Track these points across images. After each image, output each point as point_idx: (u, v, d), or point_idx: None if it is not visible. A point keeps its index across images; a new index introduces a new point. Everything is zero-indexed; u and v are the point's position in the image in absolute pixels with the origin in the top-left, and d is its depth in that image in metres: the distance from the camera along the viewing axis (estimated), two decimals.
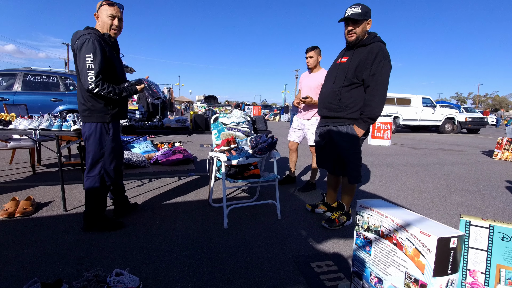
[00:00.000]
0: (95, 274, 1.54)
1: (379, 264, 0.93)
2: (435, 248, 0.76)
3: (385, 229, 0.92)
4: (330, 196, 2.75)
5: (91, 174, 2.19)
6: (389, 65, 2.19)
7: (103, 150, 2.19)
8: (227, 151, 2.63)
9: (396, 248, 0.87)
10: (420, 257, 0.80)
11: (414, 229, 0.82)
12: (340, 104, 2.31)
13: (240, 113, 2.94)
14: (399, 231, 0.86)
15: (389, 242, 0.90)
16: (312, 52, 3.29)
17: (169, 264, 1.80)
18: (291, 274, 1.73)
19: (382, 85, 2.17)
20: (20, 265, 1.74)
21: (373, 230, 0.97)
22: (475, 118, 14.61)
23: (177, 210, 2.73)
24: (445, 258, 0.77)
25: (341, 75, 2.33)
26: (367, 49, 2.22)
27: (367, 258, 0.99)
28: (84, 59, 1.99)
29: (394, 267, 0.87)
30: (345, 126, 2.32)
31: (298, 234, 2.30)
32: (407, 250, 0.83)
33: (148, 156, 4.88)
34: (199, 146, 7.06)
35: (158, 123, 3.08)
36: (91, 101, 2.12)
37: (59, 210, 2.62)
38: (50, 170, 4.16)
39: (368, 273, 0.98)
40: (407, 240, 0.83)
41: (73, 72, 6.91)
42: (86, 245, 2.02)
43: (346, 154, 2.35)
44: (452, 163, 5.84)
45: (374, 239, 0.96)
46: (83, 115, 2.15)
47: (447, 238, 0.77)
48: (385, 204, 1.02)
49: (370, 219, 0.98)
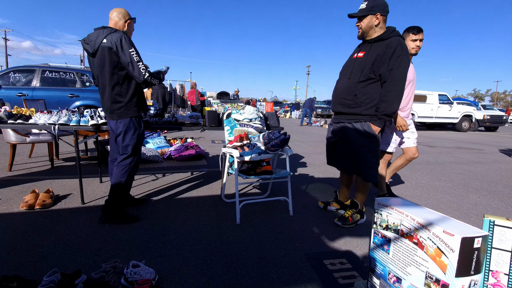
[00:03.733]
0: (113, 265, 1.58)
1: (398, 263, 0.92)
2: (458, 248, 0.74)
3: (405, 228, 0.90)
4: (343, 193, 2.72)
5: (123, 164, 2.30)
6: (407, 60, 2.12)
7: (140, 142, 2.38)
8: (239, 147, 2.63)
9: (416, 247, 0.85)
10: (442, 257, 0.78)
11: (436, 228, 0.80)
12: (355, 100, 2.26)
13: (252, 109, 2.93)
14: (420, 230, 0.84)
15: (409, 241, 0.88)
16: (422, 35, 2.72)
17: (183, 257, 1.83)
18: (304, 271, 1.72)
19: (399, 80, 2.11)
20: (40, 255, 1.80)
21: (392, 229, 0.95)
22: (493, 116, 14.14)
23: (190, 204, 2.76)
24: (468, 258, 0.75)
25: (357, 70, 2.27)
26: (385, 43, 2.17)
27: (386, 257, 0.97)
28: (130, 54, 2.13)
29: (414, 266, 0.86)
30: (360, 122, 2.27)
31: (310, 231, 2.29)
32: (429, 249, 0.82)
33: (161, 152, 4.96)
34: (211, 142, 7.11)
35: (172, 119, 3.11)
36: (126, 96, 2.23)
37: (77, 202, 2.70)
38: (68, 164, 4.28)
39: (386, 272, 0.97)
40: (429, 239, 0.82)
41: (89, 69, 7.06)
42: (103, 237, 2.07)
43: (363, 152, 2.27)
44: (469, 161, 5.68)
45: (393, 238, 0.95)
46: (118, 112, 2.24)
47: (471, 238, 0.75)
48: (404, 202, 1.00)
49: (389, 217, 0.96)
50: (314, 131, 11.66)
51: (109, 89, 2.20)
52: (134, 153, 2.32)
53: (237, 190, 2.46)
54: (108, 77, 2.17)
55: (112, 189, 2.30)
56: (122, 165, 2.29)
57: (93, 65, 2.27)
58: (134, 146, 2.31)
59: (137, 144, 2.34)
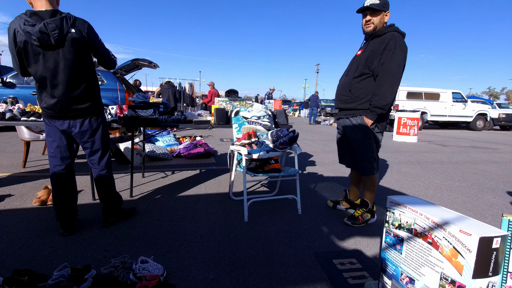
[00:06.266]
0: (122, 261, 1.59)
1: (411, 263, 0.89)
2: (476, 248, 0.70)
3: (419, 227, 0.87)
4: (353, 192, 2.67)
5: (108, 163, 2.20)
6: (401, 53, 2.11)
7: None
8: (247, 145, 2.62)
9: (431, 247, 0.82)
10: (459, 257, 0.74)
11: (452, 228, 0.76)
12: (350, 95, 2.34)
13: (261, 107, 2.91)
14: (435, 230, 0.81)
15: (423, 241, 0.85)
16: None
17: (191, 254, 1.83)
18: (312, 270, 1.70)
19: (391, 73, 2.12)
20: (51, 250, 1.83)
21: (405, 228, 0.92)
22: (509, 115, 13.69)
23: (198, 202, 2.77)
24: (486, 259, 0.71)
25: (354, 67, 2.36)
26: (380, 39, 2.22)
27: (398, 257, 0.94)
28: (101, 42, 2.03)
29: (428, 267, 0.82)
30: (355, 117, 2.35)
31: (319, 230, 2.26)
32: (444, 249, 0.78)
33: (170, 149, 4.99)
34: (219, 140, 7.12)
35: (181, 117, 3.11)
36: (98, 90, 2.11)
37: (88, 199, 2.74)
38: (79, 161, 4.35)
39: (398, 273, 0.93)
40: (444, 239, 0.78)
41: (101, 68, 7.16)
42: (114, 233, 2.09)
43: (357, 145, 2.37)
44: (484, 161, 5.51)
45: (406, 238, 0.91)
46: (96, 109, 2.06)
47: (490, 238, 0.71)
48: (418, 201, 0.96)
49: (402, 216, 0.93)
50: (323, 129, 11.55)
51: (82, 86, 1.96)
52: (108, 149, 2.21)
53: (245, 188, 2.45)
54: (83, 72, 1.96)
55: (110, 190, 2.23)
56: (106, 163, 2.19)
57: (43, 59, 1.85)
58: (107, 141, 2.20)
59: (109, 140, 2.25)
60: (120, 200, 2.30)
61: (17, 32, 1.79)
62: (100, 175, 2.17)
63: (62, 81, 1.90)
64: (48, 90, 1.92)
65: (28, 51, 1.83)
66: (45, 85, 1.91)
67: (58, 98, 1.91)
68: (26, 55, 1.85)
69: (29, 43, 1.80)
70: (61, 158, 2.05)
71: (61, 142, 2.03)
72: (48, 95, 1.93)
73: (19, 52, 1.85)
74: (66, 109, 1.95)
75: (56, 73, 1.88)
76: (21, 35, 1.78)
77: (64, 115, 1.96)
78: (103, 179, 2.18)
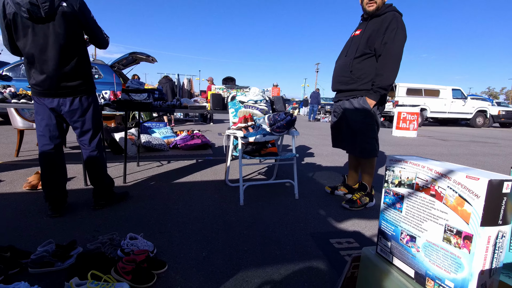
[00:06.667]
0: (110, 237, 1.52)
1: (412, 220, 0.82)
2: (484, 193, 0.64)
3: (421, 180, 0.80)
4: (351, 177, 2.61)
5: (99, 144, 2.12)
6: (402, 33, 2.11)
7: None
8: (244, 128, 2.55)
9: (434, 199, 0.76)
10: (465, 205, 0.68)
11: (458, 175, 0.70)
12: (351, 76, 2.28)
13: (258, 91, 2.85)
14: (439, 180, 0.74)
15: (425, 194, 0.79)
16: None
17: (184, 234, 1.76)
18: (308, 249, 1.63)
19: (394, 53, 2.10)
20: (38, 230, 1.77)
21: (406, 184, 0.85)
22: (509, 112, 13.64)
23: (193, 188, 2.70)
24: (496, 205, 0.65)
25: (353, 47, 2.30)
26: (380, 19, 2.18)
27: (398, 215, 0.87)
28: (93, 19, 1.97)
29: (431, 221, 0.76)
30: (357, 98, 2.28)
31: (316, 213, 2.19)
32: (448, 200, 0.72)
33: (167, 141, 4.92)
34: (217, 134, 7.05)
35: (176, 103, 3.05)
36: (89, 68, 2.04)
37: (80, 184, 2.67)
38: (75, 151, 4.28)
39: (398, 232, 0.87)
40: (449, 188, 0.72)
41: (98, 61, 7.09)
42: (104, 214, 2.03)
43: (359, 127, 2.30)
44: (484, 154, 5.46)
45: (406, 194, 0.85)
46: (87, 87, 1.99)
47: (500, 181, 0.65)
48: (420, 158, 0.90)
49: (402, 172, 0.87)
50: (323, 126, 11.48)
51: (72, 63, 1.89)
52: (99, 130, 2.14)
53: (241, 171, 2.38)
54: (73, 48, 1.88)
55: (101, 172, 2.15)
56: (97, 144, 2.11)
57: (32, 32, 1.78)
58: (100, 122, 2.13)
59: (101, 121, 2.18)
60: (112, 183, 2.23)
61: (6, 4, 1.73)
62: (91, 156, 2.10)
63: (52, 56, 1.83)
64: (37, 66, 1.85)
65: (17, 23, 1.76)
66: (34, 61, 1.84)
67: (47, 74, 1.84)
68: (15, 28, 1.78)
69: (19, 15, 1.74)
70: (50, 137, 1.98)
71: (50, 120, 1.95)
72: (37, 71, 1.86)
73: (8, 25, 1.79)
74: (55, 86, 1.87)
75: (46, 48, 1.82)
76: (10, 7, 1.72)
77: (54, 93, 1.89)
78: (94, 160, 2.11)
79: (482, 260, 0.67)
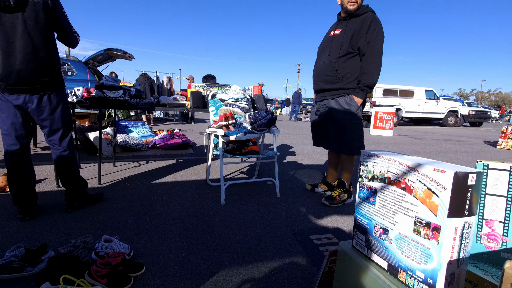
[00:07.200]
0: (83, 240, 1.47)
1: (384, 213, 0.85)
2: (451, 185, 0.67)
3: (392, 174, 0.83)
4: (331, 174, 2.66)
5: (70, 143, 2.04)
6: (382, 33, 2.21)
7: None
8: (224, 127, 2.53)
9: (404, 192, 0.78)
10: (433, 197, 0.71)
11: (426, 168, 0.73)
12: (337, 75, 2.30)
13: (238, 89, 2.84)
14: (409, 174, 0.77)
15: (396, 187, 0.81)
16: None
17: (162, 235, 1.72)
18: (289, 245, 1.65)
19: (377, 52, 2.19)
20: (6, 235, 1.67)
21: (378, 178, 0.88)
22: (478, 111, 14.44)
23: (173, 188, 2.65)
24: (462, 196, 0.68)
25: (336, 46, 2.33)
26: (360, 19, 2.25)
27: (371, 209, 0.90)
28: (65, 15, 1.89)
29: (401, 213, 0.79)
30: (343, 97, 2.32)
31: (297, 210, 2.22)
32: (417, 192, 0.75)
33: (146, 141, 4.80)
34: (199, 134, 6.96)
35: (154, 100, 2.98)
36: (59, 63, 1.94)
37: (52, 186, 2.55)
38: (45, 152, 4.08)
39: (372, 226, 0.90)
40: (418, 181, 0.75)
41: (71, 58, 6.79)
42: (78, 217, 1.94)
43: (347, 124, 2.31)
44: (455, 151, 5.74)
45: (379, 188, 0.88)
46: (56, 84, 1.90)
47: (465, 173, 0.68)
48: (393, 152, 0.93)
49: (375, 167, 0.89)
50: (304, 125, 11.64)
51: (41, 56, 1.78)
52: (70, 128, 2.06)
53: (222, 170, 2.37)
54: (43, 41, 1.78)
55: (73, 173, 2.06)
56: (69, 144, 2.03)
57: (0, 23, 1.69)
58: (70, 121, 2.05)
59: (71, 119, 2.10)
60: (85, 184, 2.15)
61: None
62: (62, 156, 2.00)
63: (20, 48, 1.72)
64: (1, 59, 1.72)
65: None
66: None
67: (13, 68, 1.72)
68: None
69: None
70: (16, 136, 1.86)
71: (15, 118, 1.83)
72: (1, 64, 1.73)
73: None
74: (22, 81, 1.76)
75: (13, 39, 1.71)
76: None
77: (19, 89, 1.77)
78: (65, 161, 2.01)
79: (450, 250, 0.70)
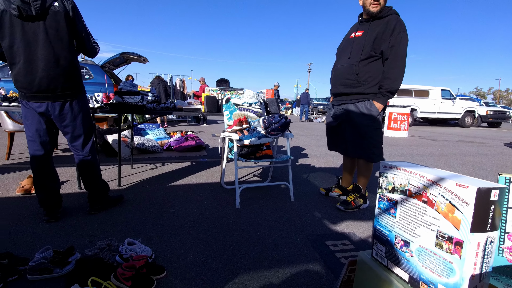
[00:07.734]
0: (108, 243, 1.53)
1: (405, 226, 0.86)
2: (473, 201, 0.68)
3: (413, 187, 0.84)
4: (346, 179, 2.66)
5: (92, 148, 2.11)
6: (407, 37, 2.13)
7: None
8: (239, 131, 2.57)
9: (426, 206, 0.79)
10: (455, 212, 0.72)
11: (448, 183, 0.74)
12: (358, 79, 2.23)
13: (252, 94, 2.87)
14: (430, 187, 0.78)
15: (417, 200, 0.82)
16: None
17: (181, 238, 1.77)
18: (305, 251, 1.67)
19: (401, 57, 2.11)
20: (34, 236, 1.75)
21: (399, 190, 0.89)
22: (496, 112, 14.00)
23: (189, 191, 2.71)
24: (484, 212, 0.69)
25: (357, 49, 2.25)
26: (384, 21, 2.16)
27: (392, 221, 0.91)
28: (84, 23, 1.92)
29: (423, 227, 0.80)
30: (363, 102, 2.24)
31: (311, 215, 2.23)
32: (440, 206, 0.76)
33: (161, 143, 4.90)
34: (211, 135, 7.05)
35: (170, 105, 3.05)
36: (80, 70, 2.00)
37: (74, 188, 2.65)
38: (66, 154, 4.23)
39: (392, 237, 0.91)
40: (440, 195, 0.75)
41: (88, 61, 7.00)
42: (100, 219, 2.02)
43: (367, 131, 2.25)
44: (473, 153, 5.60)
45: (400, 200, 0.89)
46: (76, 91, 1.96)
47: (488, 189, 0.69)
48: (413, 164, 0.94)
49: (395, 179, 0.90)
50: (316, 126, 11.58)
51: (62, 65, 1.84)
52: (92, 133, 2.12)
53: (237, 174, 2.41)
54: (64, 49, 1.84)
55: (95, 177, 2.14)
56: (91, 149, 2.09)
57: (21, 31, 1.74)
58: (91, 126, 2.12)
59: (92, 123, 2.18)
60: (106, 187, 2.23)
61: None
62: (85, 161, 2.08)
63: (41, 57, 1.78)
64: (24, 67, 1.78)
65: (4, 21, 1.71)
66: (21, 61, 1.77)
67: (35, 76, 1.79)
68: (2, 25, 1.72)
69: (7, 12, 1.69)
70: (41, 142, 1.93)
71: (39, 125, 1.91)
72: (24, 72, 1.79)
73: None
74: (43, 89, 1.82)
75: (35, 48, 1.77)
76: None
77: (42, 96, 1.84)
78: (87, 165, 2.09)
79: (472, 265, 0.70)
